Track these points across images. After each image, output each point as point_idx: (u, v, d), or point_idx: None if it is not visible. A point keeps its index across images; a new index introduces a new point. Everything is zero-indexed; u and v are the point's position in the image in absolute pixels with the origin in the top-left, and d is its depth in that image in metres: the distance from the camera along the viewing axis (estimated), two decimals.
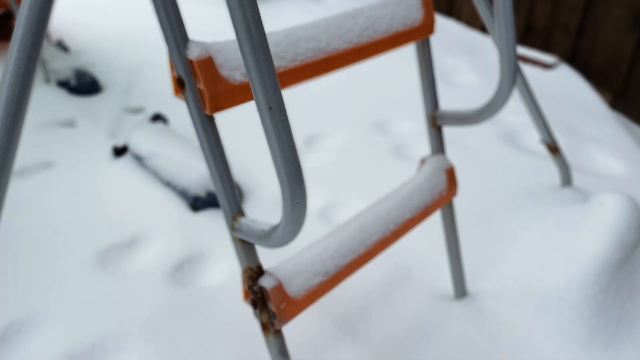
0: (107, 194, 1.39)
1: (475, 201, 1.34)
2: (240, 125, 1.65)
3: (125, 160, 1.50)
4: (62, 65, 1.99)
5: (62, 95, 1.86)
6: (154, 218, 1.30)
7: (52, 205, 1.33)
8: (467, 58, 2.22)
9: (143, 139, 1.47)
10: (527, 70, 2.10)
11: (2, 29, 2.54)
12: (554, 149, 1.31)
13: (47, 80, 1.91)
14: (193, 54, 0.59)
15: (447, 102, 1.87)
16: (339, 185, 1.45)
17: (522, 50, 2.21)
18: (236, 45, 0.64)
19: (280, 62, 0.67)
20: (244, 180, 1.44)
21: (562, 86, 1.99)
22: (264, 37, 0.47)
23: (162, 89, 1.96)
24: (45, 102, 1.82)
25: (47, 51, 2.11)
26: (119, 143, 1.56)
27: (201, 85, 0.60)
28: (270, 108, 0.49)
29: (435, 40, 2.33)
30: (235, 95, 0.63)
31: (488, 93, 1.95)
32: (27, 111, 0.64)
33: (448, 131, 1.67)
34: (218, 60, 0.61)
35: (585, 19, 2.02)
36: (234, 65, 0.63)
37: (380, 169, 1.51)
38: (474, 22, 2.50)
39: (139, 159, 1.46)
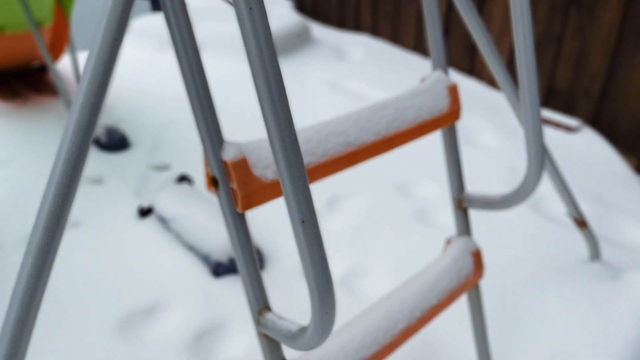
0: (131, 256, 1.41)
1: (501, 273, 1.32)
2: None
3: (150, 221, 1.52)
4: None
5: (93, 151, 1.92)
6: (176, 283, 1.30)
7: (77, 266, 1.35)
8: (489, 118, 2.23)
9: (168, 200, 1.50)
10: (550, 133, 2.10)
11: (37, 81, 2.66)
12: (581, 223, 1.29)
13: None
14: (228, 155, 0.61)
15: (469, 164, 1.87)
16: (360, 251, 1.44)
17: (544, 113, 2.22)
18: (269, 144, 0.66)
19: (311, 158, 0.69)
20: (265, 245, 1.44)
21: (586, 150, 1.98)
22: (300, 161, 0.48)
23: (189, 145, 2.00)
24: None
25: None
26: (145, 203, 1.58)
27: (234, 185, 0.61)
28: (303, 221, 0.50)
29: None
30: (267, 193, 0.64)
31: (510, 155, 1.94)
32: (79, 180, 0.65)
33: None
34: (251, 160, 0.63)
35: (608, 83, 2.03)
36: (266, 164, 0.65)
37: (403, 235, 1.50)
38: (495, 81, 2.53)
39: (163, 221, 1.48)
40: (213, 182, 0.63)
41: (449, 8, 2.66)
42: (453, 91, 0.87)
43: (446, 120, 0.86)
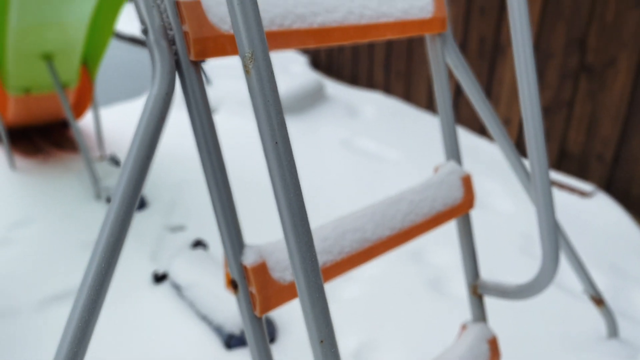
0: (144, 323, 1.41)
1: (516, 350, 1.29)
2: None
3: (164, 288, 1.53)
4: (112, 183, 2.11)
5: None
6: (188, 353, 1.30)
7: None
8: (502, 181, 2.24)
9: (183, 267, 1.51)
10: (564, 197, 2.10)
11: (59, 137, 2.75)
12: (598, 301, 1.27)
13: (98, 196, 2.02)
14: (248, 260, 0.63)
15: (482, 230, 1.86)
16: (373, 322, 1.42)
17: (557, 177, 2.22)
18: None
19: (328, 256, 0.70)
20: (277, 316, 1.44)
21: (600, 216, 1.97)
22: (317, 269, 0.50)
23: (203, 206, 2.03)
24: (94, 219, 1.91)
25: (100, 167, 2.25)
26: (160, 268, 1.60)
27: (253, 290, 0.63)
28: (322, 341, 0.51)
29: (468, 160, 2.38)
30: (285, 295, 0.65)
31: (525, 221, 1.94)
32: (81, 230, 0.66)
33: (484, 263, 1.65)
34: (270, 262, 0.65)
35: (621, 149, 2.04)
36: (284, 266, 0.66)
37: (417, 305, 1.49)
38: None
39: (177, 288, 1.48)
40: (232, 285, 0.64)
41: None
42: (467, 182, 0.88)
43: (460, 210, 0.87)
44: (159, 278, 1.54)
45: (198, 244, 1.68)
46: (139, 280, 1.57)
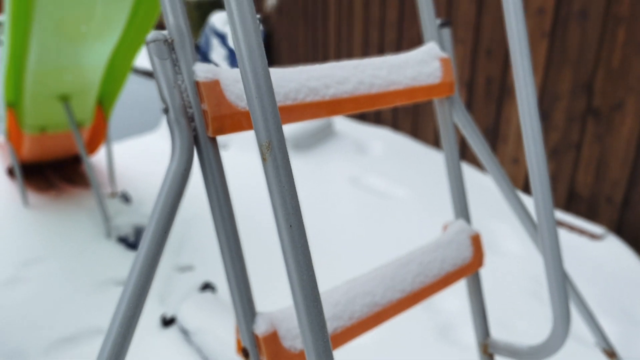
0: None
1: None
2: None
3: (172, 332, 1.53)
4: (123, 221, 2.14)
5: (120, 251, 1.98)
6: None
7: None
8: (510, 220, 2.24)
9: (191, 312, 1.51)
10: (574, 239, 2.09)
11: (71, 172, 2.79)
12: (611, 354, 1.25)
13: (108, 235, 2.04)
14: (260, 329, 0.63)
15: (492, 274, 1.85)
16: None
17: (567, 218, 2.22)
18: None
19: (338, 322, 0.71)
20: None
21: (611, 260, 1.95)
22: (327, 340, 0.50)
23: (212, 246, 2.05)
24: (104, 258, 1.93)
25: (112, 204, 2.28)
26: (168, 312, 1.60)
27: (264, 359, 0.63)
28: None
29: (477, 201, 2.38)
30: None
31: (534, 264, 1.92)
32: (91, 270, 0.66)
33: (494, 309, 1.64)
34: (281, 331, 0.65)
35: (630, 191, 2.04)
36: (295, 334, 0.67)
37: (427, 354, 1.47)
38: (516, 180, 2.56)
39: (185, 333, 1.48)
40: (244, 353, 0.65)
41: (468, 110, 2.76)
42: (476, 241, 0.89)
43: (470, 269, 0.88)
44: (167, 322, 1.54)
45: (206, 286, 1.68)
46: (148, 323, 1.58)
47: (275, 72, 0.68)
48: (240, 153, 2.97)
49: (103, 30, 1.75)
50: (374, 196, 2.53)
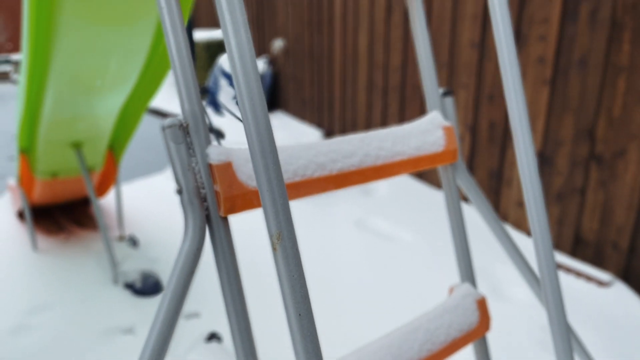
0: None
1: None
2: None
3: None
4: (130, 267, 2.15)
5: (126, 297, 1.98)
6: None
7: None
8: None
9: None
10: (582, 286, 2.07)
11: (80, 214, 2.83)
12: None
13: (115, 281, 2.05)
14: None
15: (499, 322, 1.84)
16: None
17: (574, 264, 2.21)
18: None
19: None
20: None
21: (618, 307, 1.93)
22: None
23: (218, 292, 2.05)
24: (110, 304, 1.93)
25: (119, 248, 2.30)
26: None
27: None
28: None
29: (482, 246, 2.38)
30: None
31: (541, 312, 1.91)
32: (98, 317, 0.67)
33: (498, 359, 1.62)
34: None
35: (636, 238, 2.03)
36: None
37: None
38: (522, 224, 2.56)
39: None
40: None
41: (472, 153, 2.79)
42: (482, 305, 0.90)
43: (477, 334, 0.88)
44: None
45: (212, 336, 1.68)
46: None
47: (285, 150, 0.71)
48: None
49: (117, 83, 1.81)
50: (380, 239, 2.53)
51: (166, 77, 1.90)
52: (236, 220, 2.56)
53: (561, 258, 2.28)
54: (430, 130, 0.87)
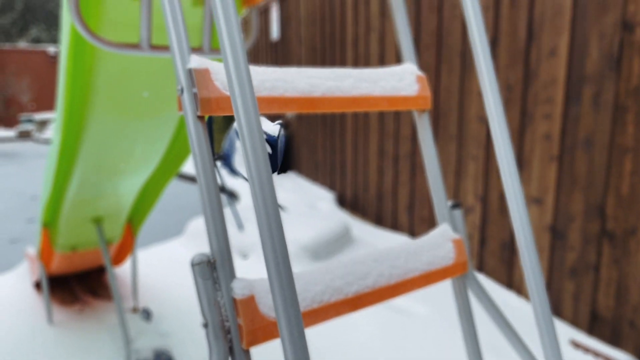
0: None
1: None
2: None
3: None
4: (144, 344, 2.16)
5: None
6: None
7: None
8: (533, 342, 2.19)
9: None
10: None
11: (96, 284, 2.86)
12: None
13: (128, 359, 2.06)
14: None
15: None
16: None
17: (592, 343, 2.17)
18: None
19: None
20: None
21: None
22: None
23: None
24: None
25: (132, 320, 2.32)
26: None
27: None
28: None
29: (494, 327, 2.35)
30: None
31: None
32: None
33: None
34: None
35: None
36: None
37: None
38: None
39: None
40: None
41: (483, 224, 2.81)
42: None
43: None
44: None
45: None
46: None
47: (302, 277, 0.75)
48: (259, 263, 3.03)
49: (140, 166, 1.90)
50: (395, 313, 2.52)
51: (187, 159, 1.99)
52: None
53: (579, 336, 2.25)
54: (441, 244, 0.91)
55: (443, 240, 0.91)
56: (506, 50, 2.56)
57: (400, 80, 0.91)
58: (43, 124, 11.87)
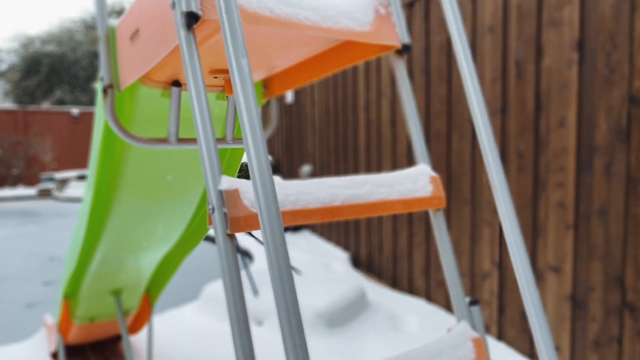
0: None
1: None
2: None
3: None
4: None
5: None
6: None
7: None
8: None
9: None
10: None
11: (110, 352, 2.85)
12: None
13: None
14: None
15: None
16: None
17: None
18: None
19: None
20: None
21: None
22: None
23: None
24: None
25: None
26: None
27: None
28: None
29: None
30: None
31: None
32: None
33: None
34: None
35: None
36: None
37: None
38: None
39: None
40: None
41: (500, 293, 2.78)
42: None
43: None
44: None
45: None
46: None
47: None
48: (275, 331, 3.00)
49: (161, 242, 1.95)
50: None
51: (206, 234, 2.04)
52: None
53: None
54: (460, 344, 0.92)
55: (462, 340, 0.93)
56: (516, 120, 2.63)
57: (415, 182, 0.96)
58: (63, 183, 12.16)
